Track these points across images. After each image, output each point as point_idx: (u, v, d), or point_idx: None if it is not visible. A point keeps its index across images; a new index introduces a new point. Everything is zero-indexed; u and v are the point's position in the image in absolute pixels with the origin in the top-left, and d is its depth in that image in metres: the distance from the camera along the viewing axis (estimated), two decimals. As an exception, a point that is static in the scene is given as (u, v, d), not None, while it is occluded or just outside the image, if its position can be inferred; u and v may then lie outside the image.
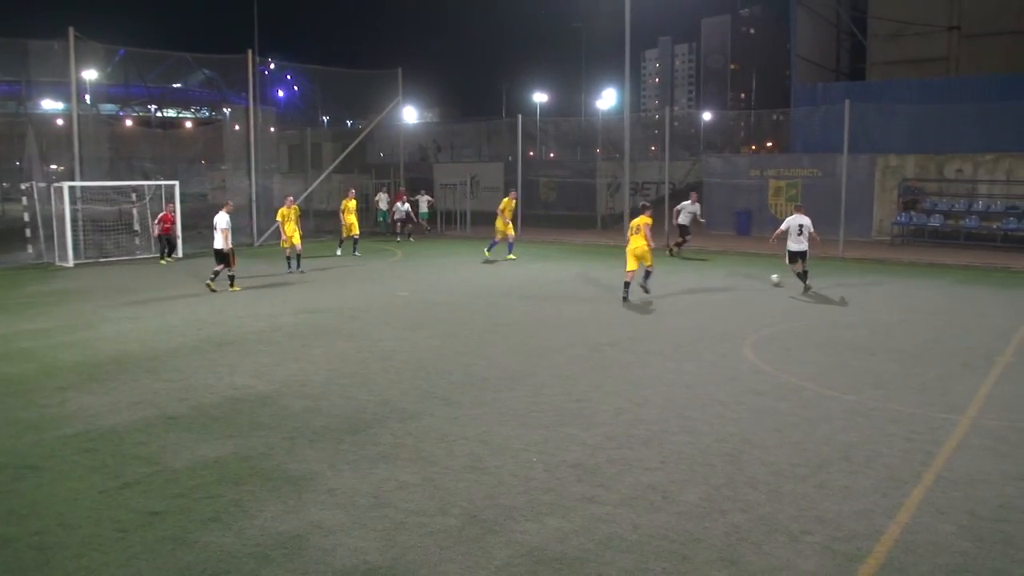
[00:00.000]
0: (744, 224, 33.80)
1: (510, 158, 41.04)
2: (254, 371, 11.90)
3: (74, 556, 6.25)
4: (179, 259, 26.93)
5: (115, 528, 6.71)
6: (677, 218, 26.39)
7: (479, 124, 56.28)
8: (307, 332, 14.73)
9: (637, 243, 17.57)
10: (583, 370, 11.83)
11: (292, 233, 23.16)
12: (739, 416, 9.63)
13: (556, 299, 18.22)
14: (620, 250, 22.56)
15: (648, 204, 18.73)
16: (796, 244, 18.65)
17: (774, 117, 54.44)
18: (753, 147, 58.86)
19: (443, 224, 37.52)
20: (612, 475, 7.78)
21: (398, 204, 32.26)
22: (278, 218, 23.85)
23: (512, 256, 26.08)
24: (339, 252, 27.72)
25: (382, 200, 35.00)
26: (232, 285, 19.55)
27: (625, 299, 17.54)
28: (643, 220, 17.72)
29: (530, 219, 34.63)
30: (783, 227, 18.94)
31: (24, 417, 9.79)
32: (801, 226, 18.56)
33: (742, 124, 63.11)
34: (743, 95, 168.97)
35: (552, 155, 53.33)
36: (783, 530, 6.63)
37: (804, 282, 18.76)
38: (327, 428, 9.22)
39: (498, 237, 25.98)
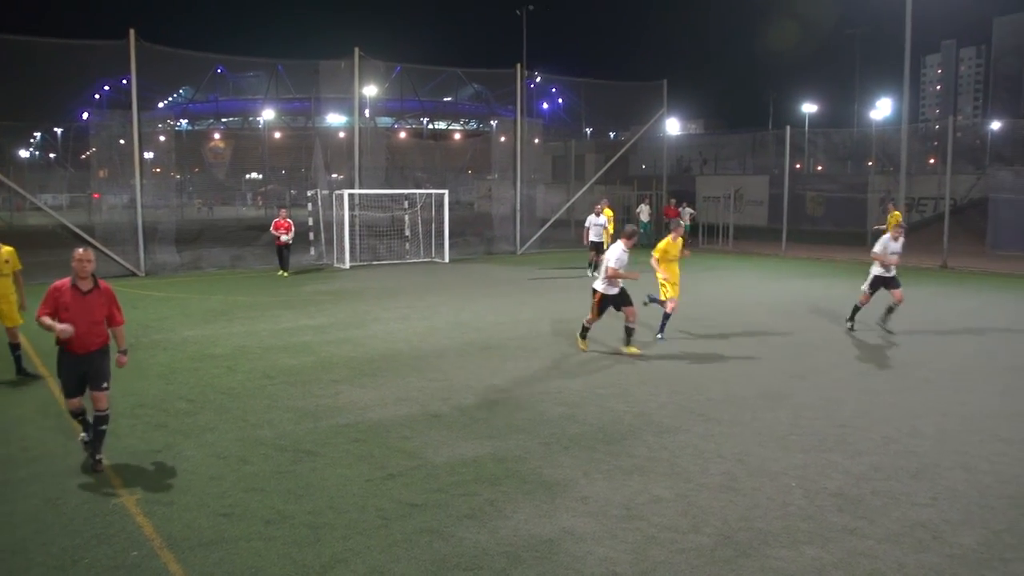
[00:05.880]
0: (1036, 245, 30.84)
1: (775, 171, 39.86)
2: (513, 376, 12.14)
3: (342, 538, 6.61)
4: (445, 263, 27.96)
5: (379, 515, 7.03)
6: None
7: (744, 136, 55.04)
8: (565, 340, 14.87)
9: None
10: (849, 394, 11.15)
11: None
12: (1026, 456, 8.71)
13: (820, 316, 17.38)
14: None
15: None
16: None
17: (1078, 126, 49.51)
18: (1051, 159, 53.80)
19: (704, 237, 36.88)
20: (877, 508, 7.26)
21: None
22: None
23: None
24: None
25: (643, 212, 34.90)
26: (582, 339, 14.18)
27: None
28: None
29: (795, 234, 33.40)
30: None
31: (302, 406, 10.52)
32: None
33: (1037, 134, 57.84)
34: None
35: (819, 168, 51.23)
36: (1081, 587, 5.90)
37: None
38: (582, 436, 9.22)
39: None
